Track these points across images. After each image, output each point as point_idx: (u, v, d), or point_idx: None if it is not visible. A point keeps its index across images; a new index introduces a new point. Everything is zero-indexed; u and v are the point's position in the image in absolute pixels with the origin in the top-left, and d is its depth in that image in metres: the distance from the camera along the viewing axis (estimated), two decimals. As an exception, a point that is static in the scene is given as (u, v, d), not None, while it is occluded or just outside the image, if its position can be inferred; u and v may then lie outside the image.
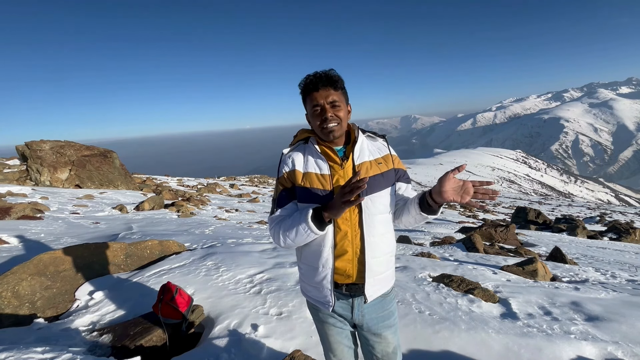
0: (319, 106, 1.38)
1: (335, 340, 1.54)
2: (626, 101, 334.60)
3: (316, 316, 1.56)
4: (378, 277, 1.43)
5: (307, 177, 1.41)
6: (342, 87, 1.43)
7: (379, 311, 1.48)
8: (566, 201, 46.13)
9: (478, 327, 2.51)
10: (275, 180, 1.57)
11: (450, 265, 4.20)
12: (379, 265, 1.42)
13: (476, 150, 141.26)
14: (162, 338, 2.40)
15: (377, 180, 1.41)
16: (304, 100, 1.44)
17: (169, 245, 4.26)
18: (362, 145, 1.47)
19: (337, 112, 1.38)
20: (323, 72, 1.39)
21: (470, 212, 20.18)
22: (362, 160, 1.43)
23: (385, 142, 1.54)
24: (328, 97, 1.37)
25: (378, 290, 1.45)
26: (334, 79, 1.38)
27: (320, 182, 1.39)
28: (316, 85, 1.37)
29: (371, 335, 1.49)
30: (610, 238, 9.92)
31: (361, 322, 1.48)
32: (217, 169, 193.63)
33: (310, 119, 1.44)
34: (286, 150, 1.51)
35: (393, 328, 1.51)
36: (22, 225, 5.89)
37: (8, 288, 2.77)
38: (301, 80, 1.42)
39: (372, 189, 1.39)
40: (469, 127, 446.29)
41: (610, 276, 4.52)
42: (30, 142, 13.28)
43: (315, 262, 1.41)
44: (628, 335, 2.43)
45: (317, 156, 1.44)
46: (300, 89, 1.43)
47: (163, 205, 10.35)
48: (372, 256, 1.39)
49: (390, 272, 1.50)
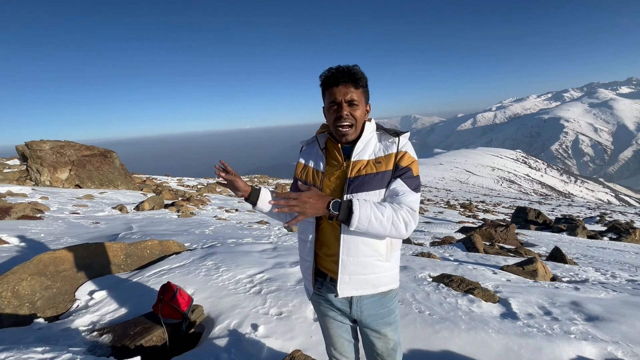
0: (336, 103, 1.34)
1: (336, 333, 1.56)
2: (626, 101, 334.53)
3: (318, 309, 1.58)
4: (356, 276, 1.39)
5: (305, 171, 1.51)
6: (364, 86, 1.37)
7: (378, 308, 1.47)
8: (566, 201, 46.15)
9: (478, 327, 2.51)
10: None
11: (450, 265, 4.20)
12: (356, 265, 1.37)
13: (476, 150, 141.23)
14: (162, 338, 2.40)
15: (367, 179, 1.35)
16: (322, 92, 1.39)
17: (169, 245, 4.26)
18: (368, 142, 1.42)
19: (354, 112, 1.34)
20: (346, 67, 1.32)
21: (470, 212, 20.17)
22: (359, 158, 1.39)
23: (397, 140, 1.41)
24: (347, 95, 1.32)
25: (357, 289, 1.40)
26: (356, 76, 1.32)
27: (313, 178, 1.47)
28: (337, 80, 1.32)
29: (371, 331, 1.49)
30: (610, 238, 9.92)
31: (360, 318, 1.48)
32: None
33: (326, 114, 1.41)
34: (304, 143, 1.60)
35: (393, 325, 1.50)
36: (22, 225, 5.88)
37: (8, 288, 2.77)
38: (323, 72, 1.36)
39: (359, 188, 1.34)
40: (469, 127, 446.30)
41: (610, 276, 4.52)
42: (30, 142, 13.28)
43: (302, 253, 1.53)
44: (628, 335, 2.43)
45: (319, 152, 1.49)
46: (321, 81, 1.38)
47: (163, 205, 10.35)
48: (347, 254, 1.37)
49: (379, 276, 1.41)
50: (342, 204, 1.24)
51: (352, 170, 1.37)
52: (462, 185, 70.59)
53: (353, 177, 1.36)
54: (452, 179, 79.96)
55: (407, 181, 1.36)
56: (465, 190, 58.12)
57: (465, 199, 37.31)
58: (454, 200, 32.70)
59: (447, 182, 72.55)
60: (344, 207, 1.24)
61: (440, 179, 76.61)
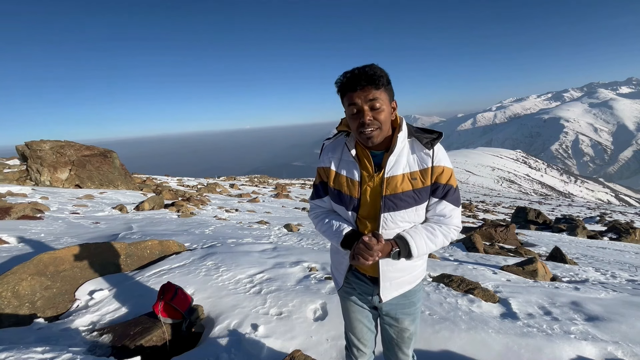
0: (357, 109, 1.23)
1: (356, 317, 1.57)
2: (626, 101, 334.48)
3: (341, 292, 1.60)
4: (397, 280, 1.44)
5: (337, 179, 1.41)
6: (386, 84, 1.23)
7: (400, 299, 1.49)
8: (566, 201, 46.14)
9: (478, 327, 2.51)
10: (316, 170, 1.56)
11: (450, 265, 4.20)
12: (397, 271, 1.42)
13: (476, 150, 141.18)
14: (162, 338, 2.40)
15: (404, 198, 1.30)
16: (341, 98, 1.28)
17: (169, 245, 4.26)
18: (401, 154, 1.31)
19: (378, 115, 1.23)
20: (362, 69, 1.21)
21: (470, 212, 20.17)
22: (394, 174, 1.29)
23: (431, 152, 1.30)
24: (367, 97, 1.21)
25: (397, 291, 1.46)
26: (375, 77, 1.19)
27: (349, 188, 1.37)
28: (354, 85, 1.20)
29: (390, 319, 1.52)
30: (610, 238, 9.92)
31: (380, 307, 1.51)
32: (217, 169, 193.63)
33: (349, 122, 1.30)
34: (327, 142, 1.46)
35: (412, 316, 1.52)
36: (22, 225, 5.88)
37: (8, 288, 2.77)
38: (338, 77, 1.26)
39: (396, 207, 1.30)
40: (469, 127, 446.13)
41: (610, 276, 4.52)
42: (30, 142, 13.28)
43: (338, 253, 1.53)
44: (628, 335, 2.43)
45: (350, 159, 1.38)
46: (337, 88, 1.27)
47: (163, 205, 10.34)
48: (387, 264, 1.39)
49: (415, 273, 1.47)
50: (401, 251, 1.31)
51: (387, 187, 1.30)
52: (462, 185, 70.56)
53: (388, 194, 1.30)
54: (452, 179, 79.73)
55: (451, 199, 1.34)
56: (465, 190, 58.12)
57: (465, 199, 37.31)
58: (454, 200, 32.63)
59: (447, 182, 72.33)
60: (403, 253, 1.31)
61: (440, 179, 76.38)
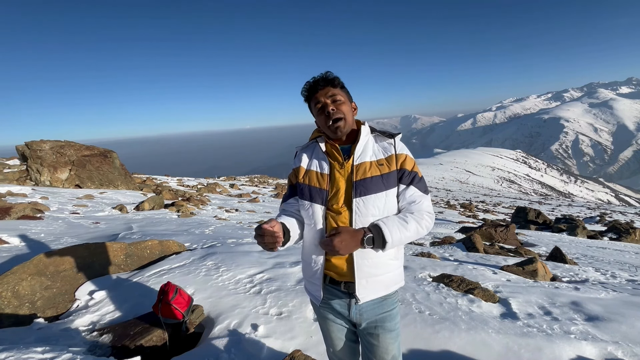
0: (321, 103, 1.43)
1: (336, 336, 1.55)
2: (626, 101, 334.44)
3: (318, 312, 1.58)
4: (373, 279, 1.40)
5: (307, 175, 1.50)
6: (342, 85, 1.46)
7: (377, 312, 1.45)
8: (566, 201, 46.15)
9: (478, 327, 2.51)
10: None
11: (450, 265, 4.20)
12: (372, 267, 1.39)
13: (476, 150, 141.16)
14: (162, 338, 2.40)
15: (373, 182, 1.38)
16: (309, 106, 1.49)
17: (169, 245, 4.26)
18: (366, 144, 1.46)
19: (339, 106, 1.42)
20: (319, 75, 1.45)
21: (470, 212, 20.17)
22: (362, 161, 1.42)
23: (393, 141, 1.47)
24: (328, 94, 1.42)
25: (374, 292, 1.42)
26: (331, 78, 1.43)
27: (318, 181, 1.45)
28: (315, 87, 1.43)
29: (369, 337, 1.47)
30: (610, 238, 9.92)
31: (359, 322, 1.47)
32: (217, 169, 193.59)
33: (317, 120, 1.49)
34: (299, 148, 1.60)
35: (393, 333, 1.46)
36: (22, 225, 5.89)
37: (8, 288, 2.77)
38: (302, 89, 1.48)
39: (366, 191, 1.37)
40: (469, 127, 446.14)
41: (610, 276, 4.52)
42: (30, 142, 13.28)
43: (309, 258, 1.49)
44: (628, 335, 2.43)
45: (320, 155, 1.50)
46: (303, 97, 1.49)
47: (163, 205, 10.35)
48: (361, 257, 1.37)
49: (391, 275, 1.44)
50: (375, 237, 1.31)
51: (357, 173, 1.40)
52: (462, 185, 70.58)
53: (359, 179, 1.39)
54: (452, 179, 79.93)
55: (419, 186, 1.44)
56: (465, 190, 58.12)
57: (465, 199, 37.32)
58: (454, 200, 32.70)
59: (447, 182, 72.52)
60: (377, 240, 1.31)
61: (440, 179, 76.59)
